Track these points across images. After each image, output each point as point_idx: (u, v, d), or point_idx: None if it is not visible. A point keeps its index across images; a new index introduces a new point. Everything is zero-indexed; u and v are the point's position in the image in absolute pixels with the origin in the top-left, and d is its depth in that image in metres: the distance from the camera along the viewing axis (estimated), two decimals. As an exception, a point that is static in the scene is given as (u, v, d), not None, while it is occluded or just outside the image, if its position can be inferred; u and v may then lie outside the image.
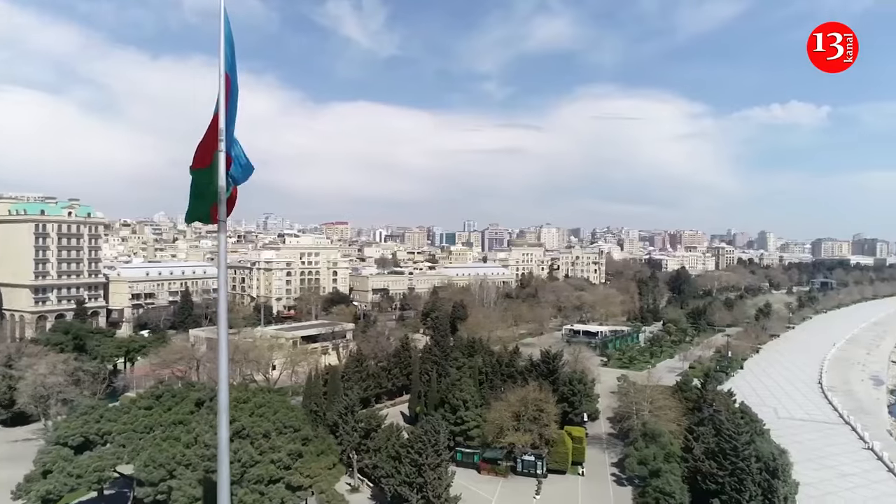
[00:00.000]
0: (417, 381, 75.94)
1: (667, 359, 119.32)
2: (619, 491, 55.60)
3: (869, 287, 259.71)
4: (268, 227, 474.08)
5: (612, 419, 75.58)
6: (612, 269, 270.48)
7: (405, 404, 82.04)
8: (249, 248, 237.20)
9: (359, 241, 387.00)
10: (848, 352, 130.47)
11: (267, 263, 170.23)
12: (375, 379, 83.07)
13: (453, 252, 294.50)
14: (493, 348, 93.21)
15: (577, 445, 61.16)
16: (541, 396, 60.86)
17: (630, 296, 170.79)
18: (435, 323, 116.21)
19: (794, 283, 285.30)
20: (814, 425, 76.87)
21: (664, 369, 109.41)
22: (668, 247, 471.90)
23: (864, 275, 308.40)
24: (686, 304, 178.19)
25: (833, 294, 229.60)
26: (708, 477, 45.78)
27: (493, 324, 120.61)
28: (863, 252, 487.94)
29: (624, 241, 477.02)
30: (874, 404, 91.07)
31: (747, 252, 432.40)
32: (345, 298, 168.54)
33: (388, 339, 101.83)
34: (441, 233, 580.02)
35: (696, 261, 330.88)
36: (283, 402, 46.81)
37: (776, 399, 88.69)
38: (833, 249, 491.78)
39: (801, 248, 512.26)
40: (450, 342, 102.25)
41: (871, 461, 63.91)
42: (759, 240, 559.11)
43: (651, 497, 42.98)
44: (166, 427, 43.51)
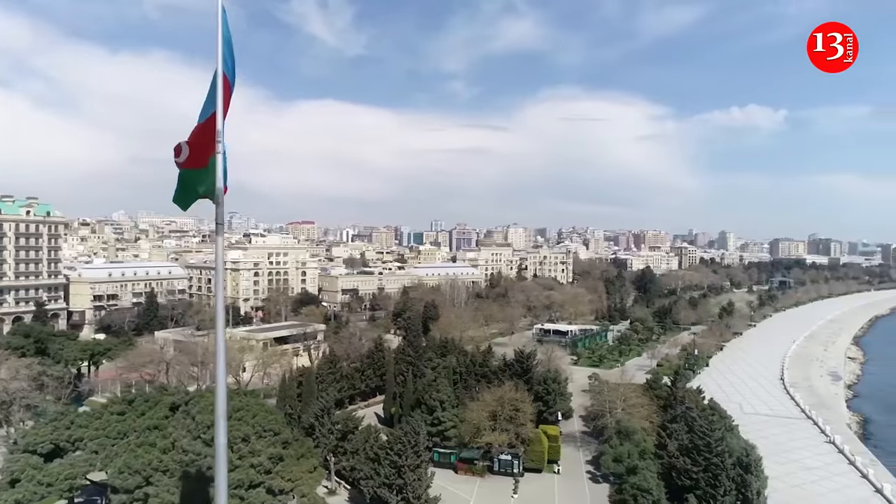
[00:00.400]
0: (392, 382, 75.67)
1: (635, 357, 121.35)
2: (594, 488, 56.38)
3: (825, 286, 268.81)
4: (232, 226, 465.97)
5: (585, 417, 76.66)
6: (578, 268, 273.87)
7: (379, 405, 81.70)
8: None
9: (326, 241, 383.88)
10: (807, 348, 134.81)
11: (234, 264, 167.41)
12: (349, 380, 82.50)
13: (422, 252, 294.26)
14: (465, 348, 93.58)
15: (552, 444, 61.80)
16: (517, 396, 61.35)
17: (598, 295, 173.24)
18: (407, 323, 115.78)
19: (754, 281, 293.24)
20: (777, 420, 79.19)
21: (633, 367, 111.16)
22: (633, 246, 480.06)
23: (819, 274, 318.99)
24: (652, 303, 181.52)
25: (791, 292, 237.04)
26: (682, 473, 46.80)
27: (465, 324, 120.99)
28: (818, 252, 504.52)
29: (589, 240, 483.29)
30: (833, 399, 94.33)
31: (708, 252, 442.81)
32: (314, 299, 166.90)
33: (361, 340, 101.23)
34: (409, 232, 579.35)
35: (660, 260, 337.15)
36: (262, 406, 46.15)
37: (741, 395, 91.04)
38: (790, 249, 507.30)
39: (760, 247, 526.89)
40: (422, 342, 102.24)
41: (833, 454, 66.14)
42: (719, 240, 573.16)
43: (629, 494, 43.72)
44: (140, 432, 42.50)
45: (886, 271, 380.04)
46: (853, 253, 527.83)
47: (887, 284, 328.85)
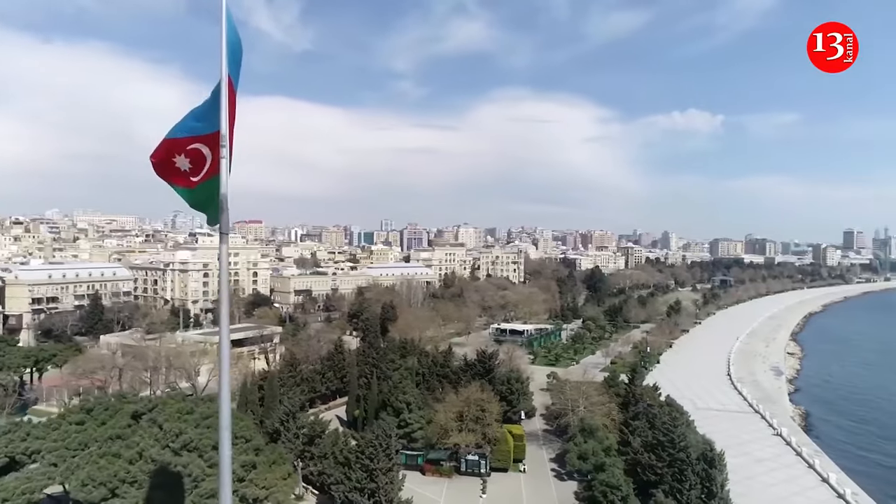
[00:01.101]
0: (355, 384, 75.00)
1: (589, 355, 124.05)
2: (560, 486, 57.44)
3: (763, 284, 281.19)
4: (176, 225, 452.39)
5: (546, 416, 77.99)
6: (529, 268, 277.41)
7: (340, 408, 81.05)
8: (160, 248, 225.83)
9: (276, 241, 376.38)
10: (749, 345, 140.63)
11: (182, 264, 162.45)
12: (309, 383, 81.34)
13: (374, 252, 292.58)
14: (425, 349, 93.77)
15: (518, 443, 62.59)
16: (483, 396, 61.92)
17: (551, 294, 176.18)
18: (365, 324, 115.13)
19: (697, 280, 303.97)
20: (728, 415, 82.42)
21: (588, 365, 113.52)
22: (580, 246, 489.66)
23: (757, 273, 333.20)
24: (602, 302, 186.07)
25: (732, 291, 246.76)
26: (647, 469, 48.25)
27: (423, 324, 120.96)
28: (754, 251, 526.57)
29: (538, 240, 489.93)
30: (777, 393, 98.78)
31: (653, 251, 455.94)
32: (266, 300, 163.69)
33: (319, 342, 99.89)
34: (359, 232, 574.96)
35: (607, 260, 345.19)
36: (231, 412, 45.17)
37: (692, 391, 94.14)
38: (729, 249, 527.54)
39: (701, 247, 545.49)
40: (381, 344, 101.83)
41: (781, 446, 69.32)
42: (662, 240, 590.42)
43: (598, 491, 44.73)
44: (102, 443, 40.83)
45: (817, 270, 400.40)
46: (786, 252, 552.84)
47: (818, 283, 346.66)
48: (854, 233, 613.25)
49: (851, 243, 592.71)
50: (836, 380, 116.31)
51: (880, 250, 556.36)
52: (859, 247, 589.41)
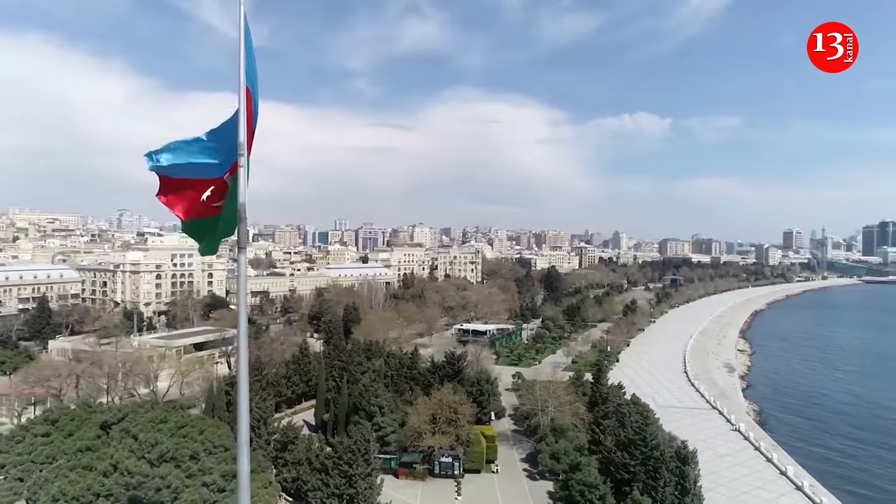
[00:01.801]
0: (323, 387, 74.16)
1: (550, 354, 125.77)
2: (533, 485, 58.20)
3: (711, 283, 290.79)
4: (122, 224, 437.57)
5: (514, 416, 78.80)
6: (486, 268, 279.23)
7: (307, 412, 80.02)
8: (107, 248, 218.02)
9: (227, 241, 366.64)
10: (702, 343, 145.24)
11: (133, 265, 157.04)
12: (275, 387, 79.90)
13: (331, 252, 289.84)
14: (390, 350, 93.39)
15: (490, 444, 63.02)
16: (456, 399, 62.17)
17: (511, 294, 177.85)
18: (328, 326, 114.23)
19: (649, 279, 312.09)
20: (688, 411, 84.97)
21: (550, 364, 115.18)
22: (534, 246, 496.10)
23: (705, 272, 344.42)
24: (560, 302, 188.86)
25: (683, 290, 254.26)
26: (621, 467, 49.29)
27: (386, 325, 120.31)
28: (701, 251, 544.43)
29: (493, 240, 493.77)
30: (731, 389, 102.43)
31: (605, 251, 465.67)
32: (222, 302, 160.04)
33: (282, 344, 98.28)
34: (314, 231, 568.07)
35: (561, 260, 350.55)
36: (207, 421, 43.98)
37: (652, 389, 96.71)
38: (677, 248, 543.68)
39: (651, 247, 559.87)
40: (345, 346, 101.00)
41: (740, 441, 71.93)
42: (613, 239, 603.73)
43: (575, 490, 45.53)
44: (71, 455, 39.20)
45: (760, 269, 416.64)
46: (731, 252, 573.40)
47: (762, 281, 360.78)
48: (793, 233, 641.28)
49: (791, 243, 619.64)
50: (783, 376, 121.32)
51: (817, 250, 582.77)
52: (798, 246, 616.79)
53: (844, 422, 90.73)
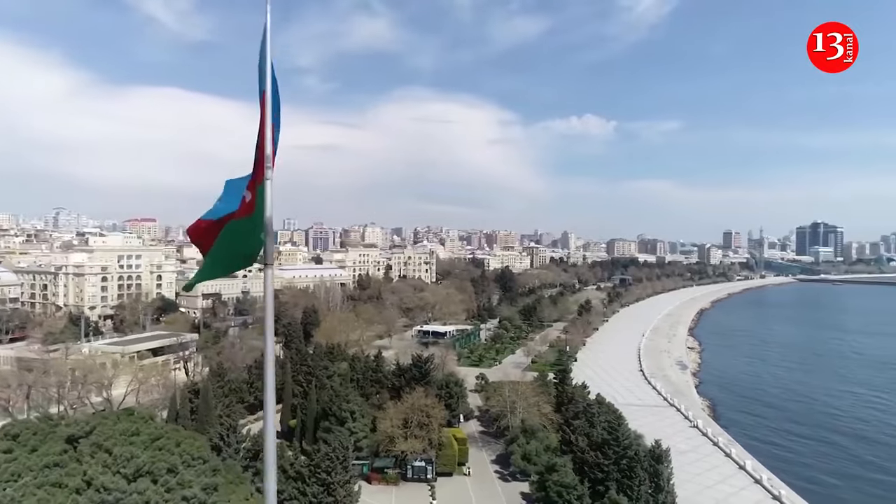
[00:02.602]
0: (290, 393, 72.94)
1: (510, 355, 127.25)
2: (505, 487, 58.82)
3: (658, 282, 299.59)
4: (59, 223, 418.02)
5: (480, 418, 79.42)
6: (439, 268, 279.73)
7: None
8: (45, 249, 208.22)
9: (175, 242, 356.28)
10: (654, 341, 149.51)
11: (77, 268, 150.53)
12: (237, 394, 78.19)
13: (282, 252, 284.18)
14: (352, 353, 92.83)
15: (461, 447, 63.33)
16: (428, 402, 62.19)
17: (468, 295, 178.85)
18: (287, 330, 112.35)
19: (599, 279, 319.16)
20: (648, 409, 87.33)
21: (510, 365, 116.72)
22: (485, 246, 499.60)
23: (651, 271, 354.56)
24: (515, 302, 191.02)
25: (633, 289, 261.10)
26: (594, 467, 50.31)
27: (346, 328, 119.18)
28: (646, 251, 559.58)
29: (445, 240, 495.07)
30: (685, 386, 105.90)
31: (556, 251, 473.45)
32: (173, 305, 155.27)
33: (242, 349, 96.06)
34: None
35: (514, 260, 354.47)
36: (181, 432, 42.55)
37: (612, 387, 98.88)
38: (623, 248, 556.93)
39: (599, 247, 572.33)
40: (307, 349, 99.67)
41: (699, 437, 74.49)
42: (562, 239, 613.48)
43: (553, 491, 46.24)
44: (38, 472, 37.21)
45: (703, 268, 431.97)
46: (674, 252, 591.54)
47: (706, 280, 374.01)
48: (732, 233, 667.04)
49: (730, 243, 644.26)
50: (732, 373, 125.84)
51: (755, 250, 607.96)
52: (736, 246, 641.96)
53: (789, 417, 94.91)
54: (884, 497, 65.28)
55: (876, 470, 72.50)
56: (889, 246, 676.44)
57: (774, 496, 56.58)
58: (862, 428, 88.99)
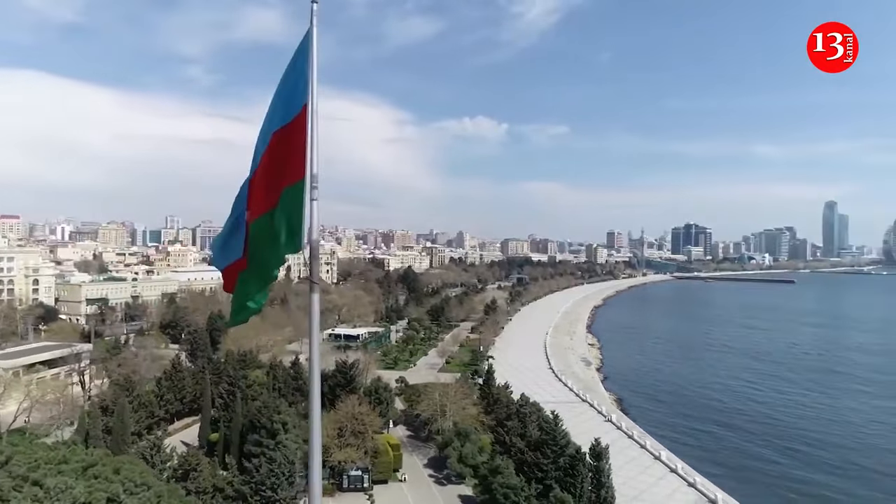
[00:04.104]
0: (209, 405, 69.06)
1: (423, 356, 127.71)
2: (442, 490, 59.17)
3: (553, 281, 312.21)
4: None
5: (406, 422, 79.20)
6: (339, 268, 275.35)
7: (183, 432, 74.26)
8: None
9: (47, 241, 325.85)
10: (557, 339, 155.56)
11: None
12: (147, 408, 73.04)
13: (171, 253, 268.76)
14: (273, 361, 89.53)
15: (395, 453, 62.95)
16: (363, 409, 61.29)
17: (376, 297, 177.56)
18: (193, 337, 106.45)
19: (497, 278, 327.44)
20: (564, 406, 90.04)
21: (425, 366, 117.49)
22: (382, 245, 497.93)
23: (545, 270, 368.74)
24: (422, 303, 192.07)
25: (530, 288, 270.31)
26: (534, 467, 51.86)
27: (255, 333, 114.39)
28: (538, 250, 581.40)
29: (342, 239, 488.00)
30: (593, 382, 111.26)
31: (454, 251, 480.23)
32: (53, 312, 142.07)
33: (145, 359, 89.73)
34: (143, 229, 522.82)
35: (413, 260, 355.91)
36: (122, 457, 39.12)
37: (526, 386, 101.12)
38: (517, 248, 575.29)
39: (493, 246, 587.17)
40: (217, 357, 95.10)
41: (615, 431, 78.48)
42: (457, 239, 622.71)
43: (499, 493, 47.10)
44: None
45: (592, 267, 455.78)
46: (563, 251, 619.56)
47: (595, 279, 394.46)
48: (615, 234, 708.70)
49: (613, 243, 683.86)
50: (629, 367, 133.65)
51: (637, 249, 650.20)
52: (619, 246, 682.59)
53: (684, 407, 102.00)
54: (771, 471, 72.20)
55: (764, 446, 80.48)
56: (749, 245, 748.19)
57: (689, 483, 60.94)
58: (743, 413, 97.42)
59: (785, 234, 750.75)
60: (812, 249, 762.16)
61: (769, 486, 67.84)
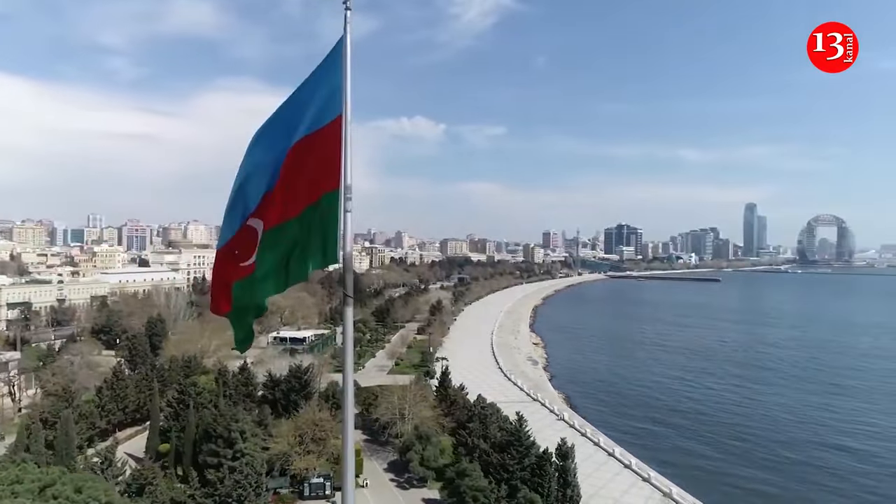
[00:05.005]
0: (157, 414, 66.13)
1: (371, 358, 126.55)
2: (405, 494, 58.89)
3: (494, 281, 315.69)
4: None
5: (362, 426, 78.21)
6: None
7: (126, 443, 70.90)
8: None
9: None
10: (503, 338, 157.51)
11: None
12: (88, 419, 69.22)
13: (98, 253, 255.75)
14: (222, 366, 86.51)
15: (357, 458, 62.01)
16: (324, 416, 60.25)
17: (319, 298, 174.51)
18: (131, 343, 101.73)
19: (438, 278, 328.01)
20: (514, 405, 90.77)
21: (374, 368, 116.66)
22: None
23: (485, 270, 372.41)
24: (366, 303, 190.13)
25: (472, 287, 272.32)
26: (500, 468, 52.32)
27: (197, 338, 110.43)
28: (477, 250, 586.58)
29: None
30: (542, 381, 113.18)
31: (393, 251, 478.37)
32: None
33: (81, 367, 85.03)
34: (65, 229, 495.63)
35: (353, 259, 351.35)
36: (82, 475, 36.83)
37: (478, 386, 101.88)
38: (456, 248, 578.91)
39: (432, 246, 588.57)
40: (161, 364, 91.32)
41: (568, 429, 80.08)
42: (395, 239, 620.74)
43: (468, 496, 47.27)
44: None
45: (531, 266, 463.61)
46: (501, 251, 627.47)
47: (533, 278, 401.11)
48: (550, 234, 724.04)
49: (549, 243, 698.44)
50: (573, 366, 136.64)
51: (572, 248, 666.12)
52: (554, 245, 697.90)
53: (629, 404, 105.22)
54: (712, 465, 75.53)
55: (703, 441, 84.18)
56: (676, 245, 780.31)
57: (644, 479, 63.10)
58: (681, 410, 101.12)
59: (709, 234, 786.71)
60: (734, 249, 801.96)
61: (712, 480, 70.49)
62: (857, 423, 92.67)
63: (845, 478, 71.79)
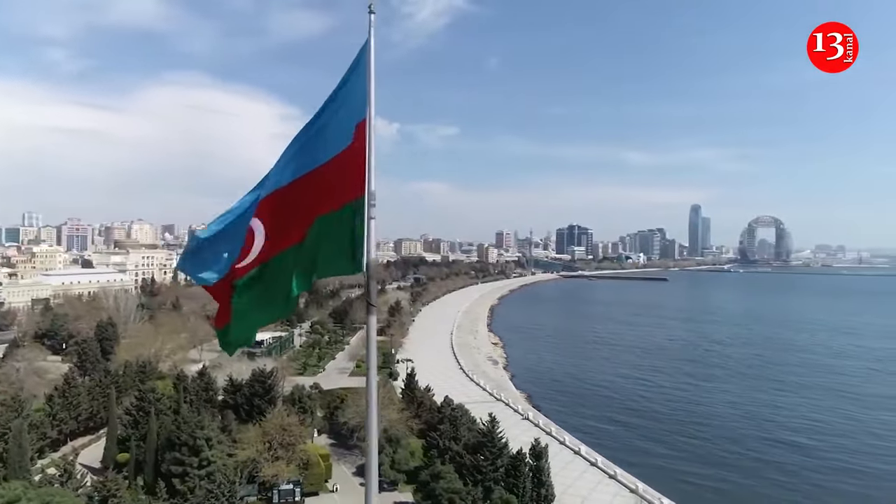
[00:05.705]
0: (115, 422, 63.69)
1: (331, 360, 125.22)
2: (376, 498, 58.40)
3: (449, 281, 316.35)
4: None
5: (329, 431, 77.24)
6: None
7: (81, 452, 67.92)
8: None
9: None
10: (462, 338, 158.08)
11: None
12: (39, 429, 66.11)
13: (38, 254, 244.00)
14: (180, 371, 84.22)
15: (326, 463, 61.40)
16: (292, 421, 59.24)
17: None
18: (81, 347, 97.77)
19: (394, 278, 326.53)
20: (479, 405, 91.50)
21: (335, 371, 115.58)
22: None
23: (441, 270, 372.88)
24: (323, 304, 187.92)
25: (429, 287, 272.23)
26: (474, 469, 52.59)
27: (151, 341, 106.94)
28: (431, 250, 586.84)
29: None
30: (503, 381, 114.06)
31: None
32: None
33: (28, 374, 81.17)
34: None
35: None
36: (52, 489, 35.07)
37: (440, 387, 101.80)
38: (410, 248, 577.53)
39: (387, 246, 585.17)
40: (114, 369, 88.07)
41: (533, 429, 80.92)
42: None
43: (444, 498, 47.29)
44: None
45: (485, 266, 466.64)
46: (455, 251, 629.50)
47: (488, 278, 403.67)
48: (503, 234, 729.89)
49: (502, 243, 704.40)
50: (532, 365, 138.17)
51: (525, 248, 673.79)
52: (508, 245, 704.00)
53: (587, 402, 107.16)
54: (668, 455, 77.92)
55: (661, 436, 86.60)
56: (625, 245, 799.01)
57: (611, 476, 64.40)
58: (636, 407, 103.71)
59: (657, 234, 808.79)
60: (680, 249, 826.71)
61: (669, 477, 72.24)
62: (800, 419, 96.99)
63: (790, 471, 74.80)
